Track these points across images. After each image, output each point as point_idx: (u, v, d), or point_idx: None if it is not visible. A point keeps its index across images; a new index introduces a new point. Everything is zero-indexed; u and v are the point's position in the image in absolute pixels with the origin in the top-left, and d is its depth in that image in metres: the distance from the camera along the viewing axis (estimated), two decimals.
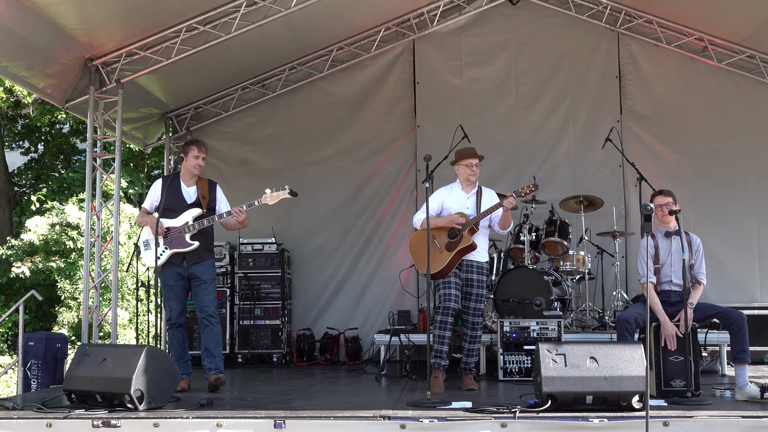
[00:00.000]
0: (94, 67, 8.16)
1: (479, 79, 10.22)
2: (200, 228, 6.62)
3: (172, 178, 6.79)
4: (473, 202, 6.74)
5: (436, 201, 6.81)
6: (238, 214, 6.59)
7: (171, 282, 6.69)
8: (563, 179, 9.90)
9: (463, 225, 6.60)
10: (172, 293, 6.70)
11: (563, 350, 5.31)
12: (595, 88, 10.07)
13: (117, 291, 8.42)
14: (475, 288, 6.70)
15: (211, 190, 6.83)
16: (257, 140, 10.43)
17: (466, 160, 6.79)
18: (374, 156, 10.28)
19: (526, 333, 7.37)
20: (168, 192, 6.70)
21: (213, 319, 6.69)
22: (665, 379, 6.05)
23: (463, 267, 6.70)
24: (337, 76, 10.39)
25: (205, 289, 6.70)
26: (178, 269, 6.67)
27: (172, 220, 6.65)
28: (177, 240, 6.62)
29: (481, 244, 6.74)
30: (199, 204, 6.70)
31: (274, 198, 6.61)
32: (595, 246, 9.11)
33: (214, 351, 6.68)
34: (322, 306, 10.16)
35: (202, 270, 6.71)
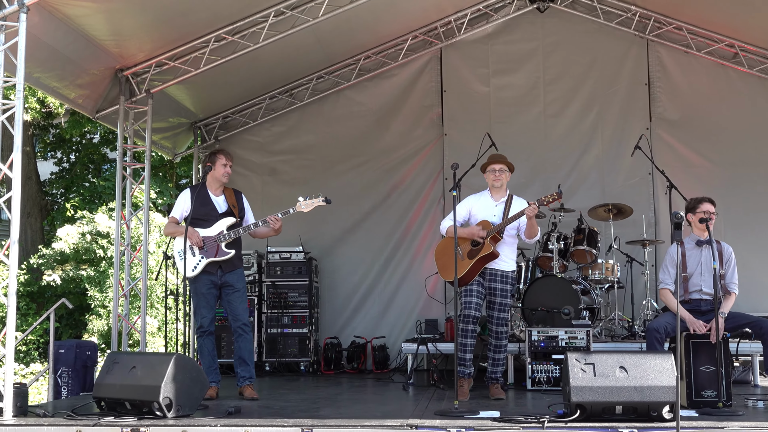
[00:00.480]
0: (124, 78, 8.27)
1: (507, 87, 10.20)
2: (235, 237, 6.73)
3: (199, 187, 6.85)
4: (501, 211, 6.73)
5: (464, 208, 6.82)
6: (274, 222, 6.68)
7: (204, 290, 6.75)
8: (592, 187, 9.85)
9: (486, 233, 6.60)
10: (204, 301, 6.76)
11: (592, 360, 5.27)
12: (623, 95, 10.02)
13: (146, 299, 8.51)
14: (498, 297, 6.67)
15: (238, 199, 6.92)
16: (285, 149, 10.49)
17: (490, 166, 6.82)
18: (401, 165, 10.29)
19: (554, 342, 7.33)
20: (197, 202, 6.77)
21: (247, 327, 6.81)
22: (696, 390, 5.99)
23: (486, 275, 6.69)
24: (364, 85, 10.43)
25: (238, 297, 6.79)
26: (211, 278, 6.74)
27: (206, 230, 6.74)
28: (212, 249, 6.71)
29: (506, 253, 6.72)
30: (231, 213, 6.81)
31: (308, 206, 6.70)
32: (624, 254, 9.05)
33: (248, 360, 6.79)
34: (350, 314, 10.18)
35: (235, 278, 6.80)
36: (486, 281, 6.70)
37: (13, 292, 5.68)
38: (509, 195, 6.83)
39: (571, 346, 7.26)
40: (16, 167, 5.78)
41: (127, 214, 8.44)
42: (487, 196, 6.87)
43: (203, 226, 6.73)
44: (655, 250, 9.46)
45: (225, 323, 8.78)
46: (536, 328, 7.45)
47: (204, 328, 6.76)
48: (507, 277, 6.72)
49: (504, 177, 6.78)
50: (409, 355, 8.37)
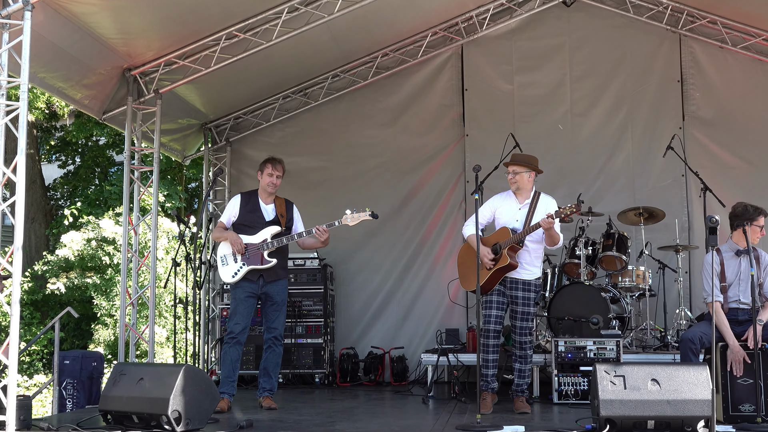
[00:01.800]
0: (132, 77, 8.33)
1: (531, 84, 10.19)
2: (278, 246, 6.85)
3: (250, 194, 7.13)
4: (524, 215, 6.70)
5: (488, 209, 6.84)
6: (321, 234, 6.86)
7: (242, 296, 6.93)
8: (621, 190, 9.81)
9: (504, 241, 6.58)
10: (241, 307, 6.91)
11: (622, 372, 5.26)
12: (655, 93, 9.97)
13: (154, 308, 8.56)
14: (520, 306, 6.67)
15: (288, 209, 7.13)
16: (299, 151, 10.52)
17: (507, 168, 6.83)
18: (421, 167, 10.29)
19: (582, 353, 7.31)
20: (246, 208, 7.03)
21: (278, 342, 7.01)
22: (733, 403, 5.95)
23: (507, 284, 6.70)
24: (381, 83, 10.45)
25: (277, 309, 7.01)
26: (252, 286, 6.92)
27: (250, 237, 6.93)
28: (255, 257, 6.89)
29: (528, 261, 6.70)
30: (278, 222, 6.96)
31: (354, 219, 6.88)
32: (656, 261, 9.00)
33: (273, 372, 7.02)
34: (366, 324, 10.19)
35: (277, 290, 6.98)
36: (507, 290, 6.70)
37: (17, 301, 5.70)
38: (535, 195, 6.79)
39: (599, 358, 7.23)
40: (20, 171, 5.83)
41: (134, 219, 8.49)
42: (511, 197, 6.87)
43: (248, 233, 6.94)
44: (689, 256, 9.41)
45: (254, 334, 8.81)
46: (563, 338, 7.43)
47: (233, 335, 6.89)
48: (529, 285, 6.71)
49: (520, 179, 6.74)
50: (429, 366, 8.36)
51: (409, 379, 9.53)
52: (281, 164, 7.13)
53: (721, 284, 6.34)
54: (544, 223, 6.39)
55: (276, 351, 6.99)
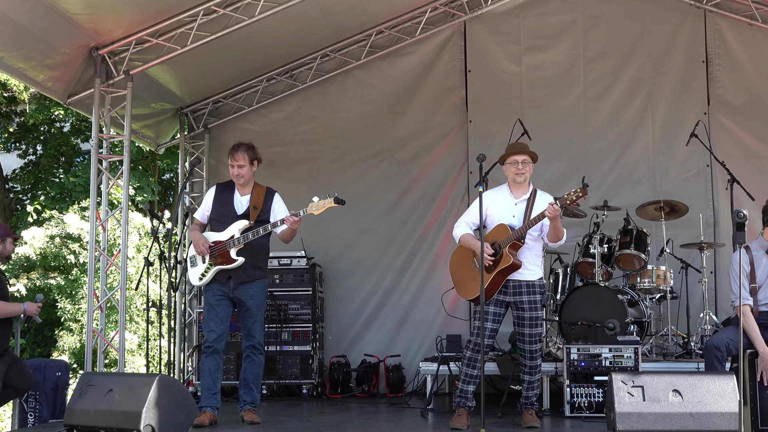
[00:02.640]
0: (99, 57, 8.32)
1: (541, 65, 10.19)
2: (246, 242, 6.78)
3: (225, 185, 7.09)
4: (521, 211, 6.68)
5: (478, 208, 6.79)
6: (294, 223, 6.75)
7: (213, 300, 6.91)
8: (640, 182, 9.83)
9: (503, 240, 6.56)
10: (213, 313, 6.89)
11: (641, 382, 5.28)
12: (677, 75, 9.98)
13: (125, 312, 8.56)
14: (527, 311, 6.66)
15: (267, 199, 7.02)
16: (285, 139, 10.52)
17: (511, 158, 6.79)
18: (419, 156, 10.30)
19: (597, 361, 7.33)
20: (219, 201, 7.00)
21: (257, 351, 6.95)
22: (762, 417, 5.98)
23: (509, 289, 6.66)
24: (376, 64, 10.45)
25: (251, 316, 6.92)
26: (222, 288, 6.89)
27: (219, 234, 6.90)
28: (222, 256, 6.82)
29: (529, 260, 6.69)
30: (248, 215, 6.85)
31: (320, 207, 6.78)
32: (678, 260, 9.02)
33: (253, 384, 6.97)
34: (359, 330, 10.20)
35: (250, 293, 6.90)
36: (510, 296, 6.68)
37: None
38: (532, 191, 6.79)
39: (616, 366, 7.25)
40: None
41: (102, 214, 8.48)
42: (505, 192, 6.84)
43: (218, 229, 6.93)
44: (714, 254, 9.44)
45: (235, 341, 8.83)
46: (576, 345, 7.45)
47: (208, 343, 6.87)
48: (534, 286, 6.71)
49: (528, 170, 6.74)
50: (429, 376, 8.38)
51: (406, 391, 9.54)
52: (245, 151, 6.99)
53: (750, 285, 6.36)
54: (550, 210, 6.35)
55: (255, 360, 6.94)
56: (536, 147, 9.46)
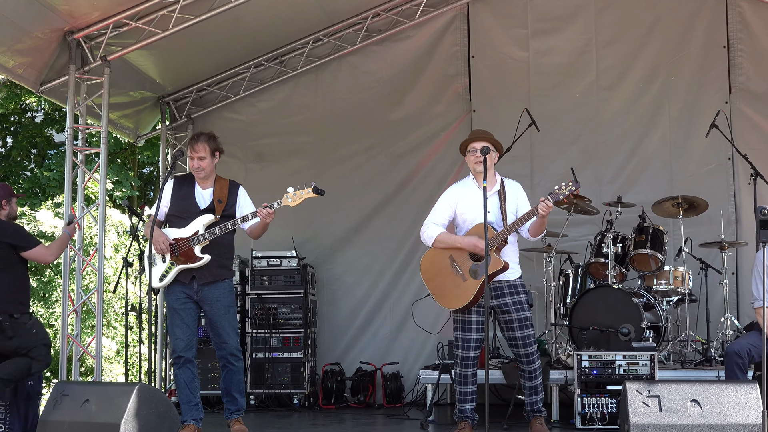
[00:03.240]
0: (75, 42, 8.30)
1: (550, 51, 10.20)
2: (212, 238, 6.72)
3: (185, 178, 6.98)
4: (495, 205, 6.64)
5: (446, 205, 6.76)
6: (267, 216, 6.60)
7: (177, 305, 6.77)
8: (656, 176, 9.84)
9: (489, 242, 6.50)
10: (178, 319, 6.76)
11: (657, 391, 5.29)
12: (696, 61, 9.98)
13: (102, 316, 8.54)
14: (514, 313, 6.62)
15: (231, 193, 6.90)
16: (274, 130, 10.52)
17: (470, 145, 6.72)
18: (419, 149, 10.31)
19: (610, 369, 7.33)
20: (178, 195, 6.86)
21: (234, 357, 6.80)
22: None
23: (491, 292, 6.56)
24: (372, 49, 10.45)
25: (221, 318, 6.76)
26: (186, 290, 6.76)
27: (180, 230, 6.77)
28: (185, 254, 6.72)
29: (510, 258, 6.64)
30: (212, 209, 6.80)
31: (296, 199, 6.65)
32: (697, 260, 9.03)
33: (236, 392, 6.86)
34: (355, 335, 10.21)
35: (216, 294, 6.77)
36: (492, 300, 6.59)
37: None
38: (500, 181, 6.75)
39: (630, 375, 7.25)
40: None
41: (78, 210, 8.47)
42: (472, 185, 6.76)
43: (179, 225, 6.79)
44: (736, 254, 9.45)
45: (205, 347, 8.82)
46: (587, 351, 7.45)
47: (178, 353, 6.75)
48: (516, 286, 6.66)
49: (490, 160, 6.53)
50: (429, 385, 8.39)
51: (405, 401, 9.56)
52: (206, 142, 6.83)
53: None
54: (542, 208, 6.31)
55: (233, 369, 6.79)
56: (545, 138, 9.58)
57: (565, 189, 6.38)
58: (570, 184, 6.39)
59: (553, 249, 8.88)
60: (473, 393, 6.73)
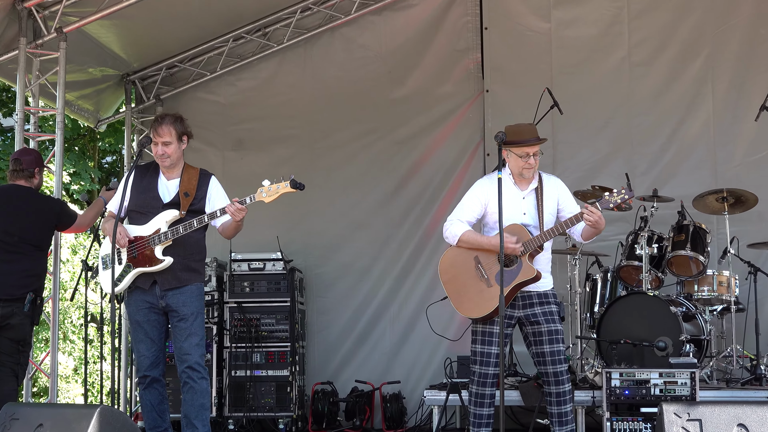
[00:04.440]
0: (25, 11, 8.30)
1: (575, 23, 10.21)
2: (175, 237, 6.65)
3: (148, 168, 6.90)
4: (532, 205, 6.65)
5: (477, 202, 6.72)
6: (237, 212, 6.52)
7: (139, 317, 6.72)
8: (698, 167, 9.86)
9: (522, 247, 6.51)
10: (141, 333, 6.71)
11: (699, 414, 5.29)
12: (744, 33, 9.99)
13: (57, 329, 8.54)
14: (544, 325, 6.62)
15: (201, 184, 6.83)
16: (257, 113, 10.53)
17: (519, 149, 6.61)
18: (425, 134, 10.34)
19: (644, 389, 7.35)
20: (139, 188, 6.79)
21: (196, 373, 6.68)
22: None
23: (517, 301, 6.60)
24: (370, 20, 10.46)
25: (185, 328, 6.68)
26: (148, 296, 6.70)
27: (140, 227, 6.70)
28: (143, 255, 6.67)
29: (542, 267, 6.65)
30: (177, 204, 6.77)
31: (271, 193, 6.58)
32: (745, 263, 9.03)
33: (197, 419, 6.68)
34: (349, 350, 10.23)
35: (182, 300, 6.69)
36: (518, 309, 6.63)
37: None
38: (538, 176, 6.75)
39: (668, 395, 7.27)
40: None
41: None
42: (507, 182, 6.70)
43: (140, 222, 6.72)
44: None
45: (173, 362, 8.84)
46: (618, 368, 7.46)
47: (143, 373, 6.71)
48: (548, 297, 6.69)
49: (537, 162, 6.62)
50: (435, 407, 8.39)
51: (408, 425, 9.57)
52: (172, 124, 6.75)
53: None
54: (587, 216, 6.27)
55: (196, 389, 6.66)
56: (569, 123, 9.58)
57: (617, 197, 6.36)
58: (623, 192, 6.37)
59: (578, 250, 8.88)
60: (489, 417, 6.71)
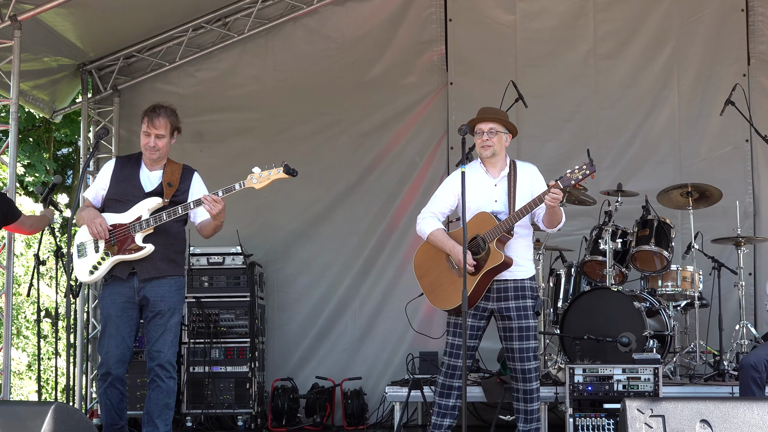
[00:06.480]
0: None
1: (540, 14, 10.24)
2: (158, 224, 6.60)
3: (130, 158, 6.91)
4: (503, 191, 6.72)
5: (449, 193, 6.80)
6: (212, 204, 6.50)
7: (113, 311, 6.65)
8: (663, 161, 9.93)
9: (487, 232, 6.53)
10: (113, 328, 6.64)
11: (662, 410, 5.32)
12: (710, 27, 10.05)
13: (10, 324, 8.49)
14: (515, 320, 6.67)
15: (184, 178, 6.83)
16: (217, 105, 10.48)
17: (477, 126, 6.78)
18: (387, 127, 10.34)
19: (607, 385, 7.38)
20: (119, 176, 6.77)
21: (165, 372, 6.65)
22: None
23: (492, 292, 6.66)
24: (332, 10, 10.44)
25: (161, 324, 6.65)
26: (124, 289, 6.65)
27: (120, 215, 6.64)
28: (123, 242, 6.60)
29: (519, 254, 6.70)
30: (160, 192, 6.73)
31: (263, 180, 6.58)
32: (709, 258, 9.09)
33: (159, 418, 6.66)
34: (310, 346, 10.21)
35: (161, 292, 6.66)
36: (492, 301, 6.68)
37: None
38: (511, 164, 6.81)
39: (631, 391, 7.31)
40: None
41: None
42: (479, 170, 6.82)
43: (119, 210, 6.67)
44: (754, 251, 9.57)
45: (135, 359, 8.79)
46: (581, 364, 7.50)
47: (106, 370, 6.63)
48: (524, 288, 6.72)
49: (498, 142, 6.71)
50: (397, 404, 8.40)
51: (369, 422, 9.59)
52: (168, 117, 6.79)
53: None
54: (550, 199, 6.35)
55: (163, 387, 6.63)
56: (534, 116, 9.61)
57: (578, 173, 6.40)
58: (585, 168, 6.41)
59: (542, 245, 8.92)
60: (454, 408, 6.76)
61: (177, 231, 6.81)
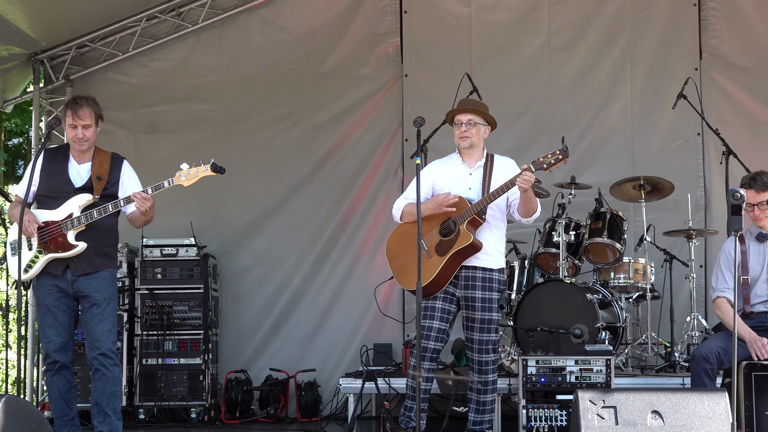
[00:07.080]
0: None
1: (496, 7, 10.25)
2: (89, 222, 6.61)
3: (58, 150, 6.84)
4: (478, 180, 6.77)
5: (425, 181, 6.83)
6: (141, 202, 6.54)
7: (49, 301, 6.67)
8: (616, 154, 9.99)
9: (458, 215, 6.60)
10: (50, 318, 6.67)
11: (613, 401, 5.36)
12: (664, 20, 10.11)
13: None
14: (479, 311, 6.72)
15: (113, 168, 6.80)
16: (171, 95, 10.40)
17: (456, 117, 6.88)
18: (342, 119, 10.31)
19: (560, 377, 7.41)
20: (49, 171, 6.73)
21: (109, 360, 6.66)
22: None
23: (459, 279, 6.73)
24: (287, 1, 10.39)
25: (97, 314, 6.66)
26: (59, 282, 6.66)
27: (52, 212, 6.65)
28: (55, 240, 6.61)
29: (491, 243, 6.76)
30: (90, 188, 6.71)
31: (190, 177, 6.61)
32: (661, 250, 9.15)
33: (108, 407, 6.66)
34: (264, 338, 10.18)
35: (95, 285, 6.67)
36: (460, 288, 6.74)
37: None
38: (487, 156, 6.89)
39: (583, 382, 7.34)
40: None
41: None
42: (456, 160, 6.94)
43: (50, 206, 6.66)
44: (705, 243, 9.64)
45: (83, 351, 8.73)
46: (534, 356, 7.52)
47: (52, 359, 6.67)
48: (492, 280, 6.78)
49: (475, 133, 6.81)
50: (351, 395, 8.38)
51: (323, 414, 9.58)
52: (92, 106, 6.74)
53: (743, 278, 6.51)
54: (521, 181, 6.41)
55: (108, 376, 6.63)
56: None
57: (551, 158, 6.48)
58: (558, 153, 6.48)
59: None
60: (426, 392, 6.84)
61: (109, 225, 6.81)
